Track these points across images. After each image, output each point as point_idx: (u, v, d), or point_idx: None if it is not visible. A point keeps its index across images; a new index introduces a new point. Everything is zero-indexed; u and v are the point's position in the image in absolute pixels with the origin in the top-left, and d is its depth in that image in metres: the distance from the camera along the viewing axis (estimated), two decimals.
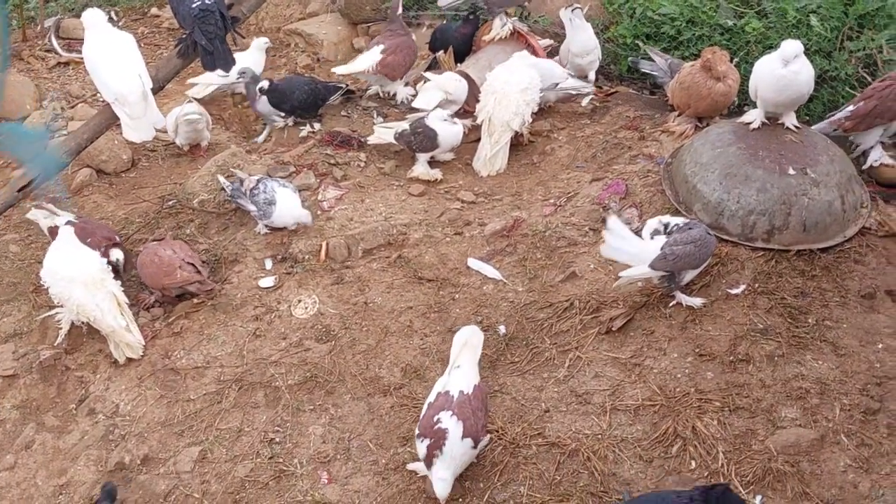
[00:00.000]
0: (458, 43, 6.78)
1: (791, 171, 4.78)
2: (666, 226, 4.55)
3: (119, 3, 9.00)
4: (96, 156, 6.11)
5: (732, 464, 4.00)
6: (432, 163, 5.91)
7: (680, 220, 4.57)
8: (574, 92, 6.22)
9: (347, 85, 6.61)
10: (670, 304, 4.60)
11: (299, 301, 4.95)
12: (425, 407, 4.02)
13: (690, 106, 5.58)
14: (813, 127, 5.35)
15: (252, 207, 5.27)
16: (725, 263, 4.74)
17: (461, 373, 4.06)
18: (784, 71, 4.80)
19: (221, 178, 5.50)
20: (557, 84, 6.09)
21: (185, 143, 6.24)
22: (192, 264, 5.03)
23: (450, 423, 3.85)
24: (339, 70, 6.60)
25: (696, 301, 4.56)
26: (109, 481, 4.23)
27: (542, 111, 6.20)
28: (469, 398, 3.95)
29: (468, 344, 4.17)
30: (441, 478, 3.83)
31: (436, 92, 6.17)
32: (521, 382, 4.46)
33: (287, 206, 5.26)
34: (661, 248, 4.40)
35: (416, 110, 6.14)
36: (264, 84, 6.14)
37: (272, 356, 4.71)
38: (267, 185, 5.28)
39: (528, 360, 4.57)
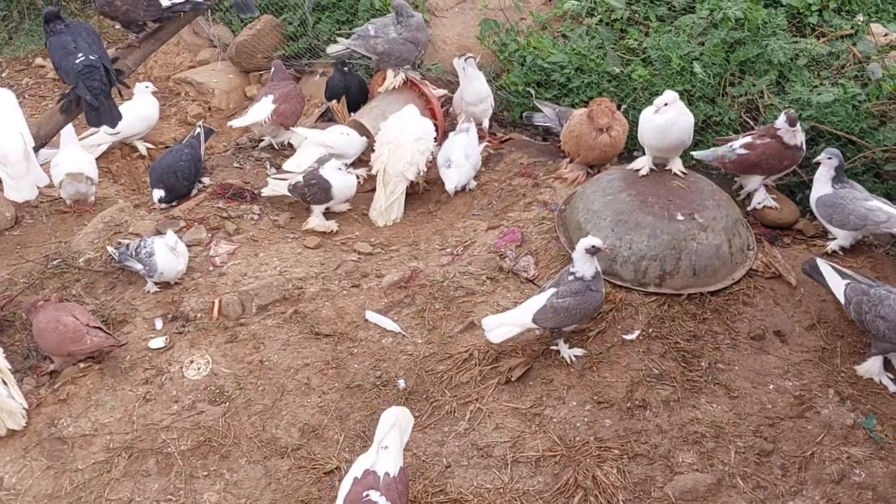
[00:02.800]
0: (352, 92, 6.75)
1: (679, 217, 4.88)
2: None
3: (2, 52, 8.73)
4: None
5: None
6: (328, 214, 5.85)
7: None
8: None
9: (202, 124, 6.59)
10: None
11: (191, 362, 4.80)
12: (349, 482, 3.77)
13: (580, 154, 5.67)
14: (697, 153, 5.49)
15: (139, 266, 5.13)
16: (620, 309, 4.80)
17: (388, 454, 3.83)
18: (660, 119, 4.93)
19: (109, 248, 5.37)
20: None
21: (70, 199, 6.02)
22: (98, 328, 4.84)
23: (379, 500, 3.66)
24: (235, 123, 6.53)
25: (578, 351, 4.61)
26: None
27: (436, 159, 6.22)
28: (395, 481, 3.77)
29: (397, 425, 3.92)
30: None
31: (314, 149, 6.10)
32: (421, 438, 4.40)
33: (164, 244, 5.14)
34: (545, 303, 4.44)
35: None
36: (160, 194, 5.96)
37: (163, 421, 4.54)
38: (146, 240, 5.19)
39: (428, 414, 4.51)
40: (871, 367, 4.48)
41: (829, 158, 5.02)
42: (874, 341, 4.44)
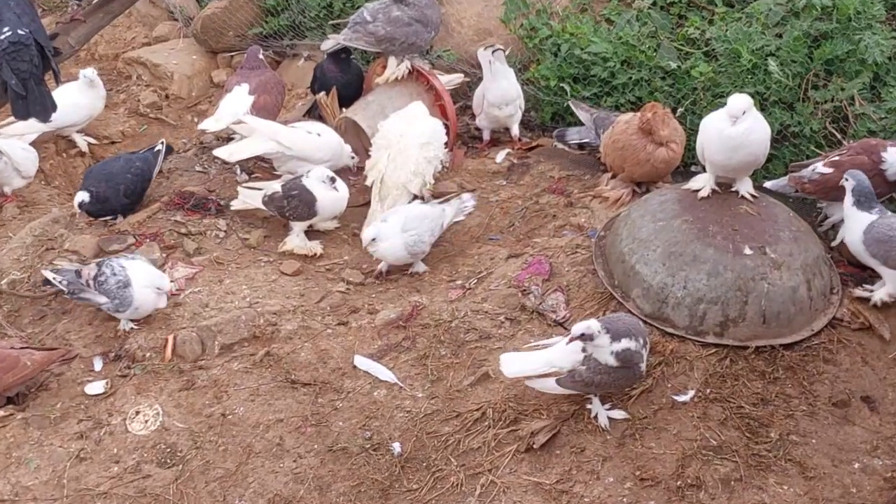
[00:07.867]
0: (344, 83, 6.75)
1: (747, 251, 4.91)
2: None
3: None
4: None
5: None
6: (310, 233, 5.88)
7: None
8: None
9: (163, 142, 6.45)
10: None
11: (137, 412, 4.83)
12: None
13: (625, 169, 5.69)
14: (768, 183, 5.52)
15: (103, 299, 5.10)
16: (671, 363, 4.82)
17: None
18: (732, 130, 4.92)
19: (48, 273, 5.29)
20: None
21: None
22: (28, 347, 4.90)
23: None
24: (207, 127, 6.34)
25: (617, 414, 4.63)
26: None
27: (447, 169, 6.26)
28: None
29: None
30: None
31: (262, 142, 6.02)
32: None
33: (146, 279, 5.10)
34: (573, 368, 4.46)
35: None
36: (84, 198, 5.88)
37: (100, 485, 4.56)
38: (113, 265, 5.13)
39: (429, 487, 4.53)
40: None
41: (847, 180, 4.99)
42: None
